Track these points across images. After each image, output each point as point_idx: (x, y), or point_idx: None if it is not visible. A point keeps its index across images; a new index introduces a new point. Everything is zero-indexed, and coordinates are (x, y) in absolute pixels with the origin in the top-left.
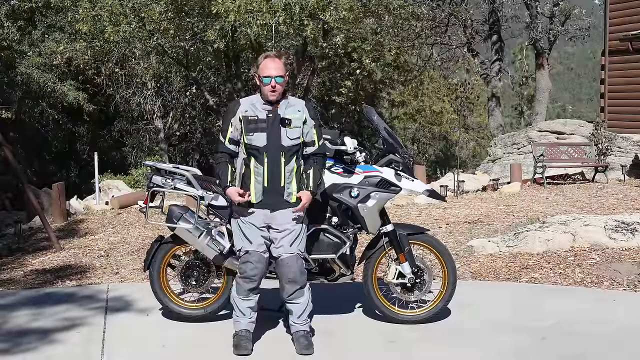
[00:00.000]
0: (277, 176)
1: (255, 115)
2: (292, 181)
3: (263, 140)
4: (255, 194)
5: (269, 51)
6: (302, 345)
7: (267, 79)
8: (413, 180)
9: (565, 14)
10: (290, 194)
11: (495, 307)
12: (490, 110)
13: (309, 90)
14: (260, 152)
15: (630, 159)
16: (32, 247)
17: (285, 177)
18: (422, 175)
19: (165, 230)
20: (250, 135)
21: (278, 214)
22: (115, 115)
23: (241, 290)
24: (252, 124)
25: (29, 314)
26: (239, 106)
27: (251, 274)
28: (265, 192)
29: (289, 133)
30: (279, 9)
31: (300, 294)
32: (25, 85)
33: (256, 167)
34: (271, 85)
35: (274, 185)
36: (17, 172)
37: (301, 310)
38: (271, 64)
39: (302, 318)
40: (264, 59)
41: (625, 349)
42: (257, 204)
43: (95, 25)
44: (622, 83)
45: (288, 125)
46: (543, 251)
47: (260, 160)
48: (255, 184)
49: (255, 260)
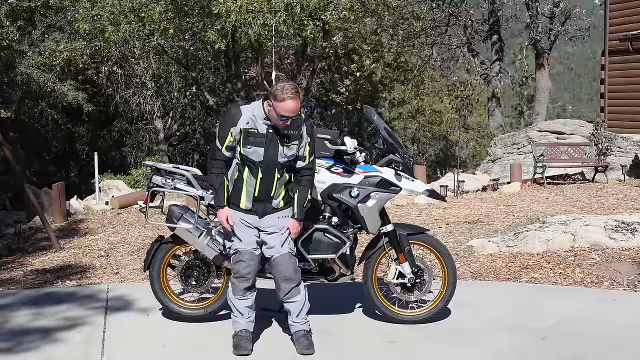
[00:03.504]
0: (269, 188)
1: (255, 129)
2: (281, 191)
3: (260, 156)
4: (245, 201)
5: (288, 83)
6: (303, 345)
7: (284, 118)
8: (413, 180)
9: (565, 14)
10: (278, 202)
11: (495, 307)
12: (490, 110)
13: (308, 90)
14: (255, 166)
15: (630, 159)
16: (32, 247)
17: (275, 189)
18: (422, 175)
19: (165, 230)
20: (247, 148)
21: (267, 217)
22: (115, 115)
23: (237, 290)
24: (251, 137)
25: (30, 313)
26: (240, 116)
27: (245, 272)
28: (255, 201)
29: (286, 150)
30: (280, 9)
31: (297, 292)
32: (25, 85)
33: (249, 177)
34: (286, 122)
35: (264, 196)
36: (17, 172)
37: (299, 309)
38: (292, 106)
39: (301, 317)
40: (287, 98)
41: (625, 349)
42: (247, 210)
43: (95, 25)
44: (622, 83)
45: (286, 143)
46: (543, 251)
47: (254, 173)
48: (246, 192)
49: (248, 259)
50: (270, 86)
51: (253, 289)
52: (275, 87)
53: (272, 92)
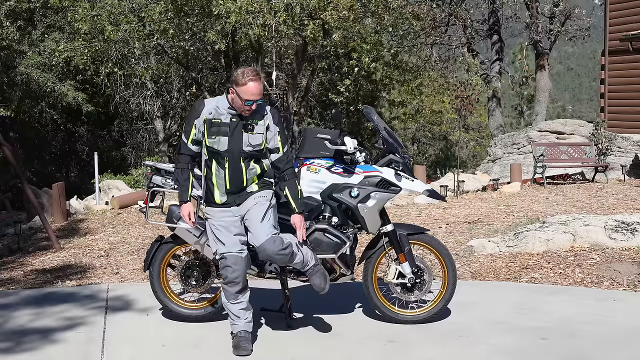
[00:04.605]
0: (239, 179)
1: (218, 119)
2: (253, 182)
3: (225, 145)
4: (219, 195)
5: (247, 68)
6: (318, 284)
7: (249, 102)
8: (413, 180)
9: (565, 14)
10: (252, 191)
11: (495, 307)
12: (490, 110)
13: (308, 90)
14: (221, 156)
15: (630, 159)
16: (32, 247)
17: (247, 180)
18: (422, 175)
19: (165, 230)
20: (212, 138)
21: (244, 203)
22: (115, 115)
23: (229, 295)
24: (214, 127)
25: (30, 313)
26: (203, 107)
27: (233, 277)
28: (228, 194)
29: (251, 139)
30: (280, 10)
31: (292, 260)
32: (25, 85)
33: (218, 170)
34: (251, 107)
35: (236, 187)
36: (17, 172)
37: (302, 264)
38: (255, 88)
39: (309, 266)
40: (248, 81)
41: (625, 349)
42: (223, 204)
43: (95, 26)
44: (622, 83)
45: (250, 130)
46: (543, 251)
47: (222, 164)
48: (218, 185)
49: (233, 263)
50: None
51: (245, 291)
52: (235, 73)
53: (233, 79)
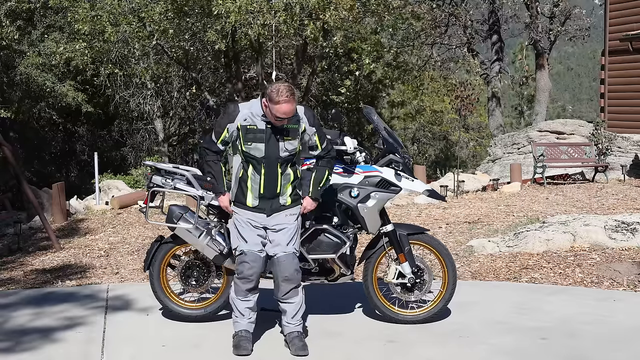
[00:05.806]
0: (274, 184)
1: (254, 125)
2: (287, 188)
3: (261, 152)
4: (252, 199)
5: (283, 85)
6: (297, 346)
7: (280, 119)
8: (413, 180)
9: (565, 14)
10: (285, 200)
11: (495, 307)
12: (490, 110)
13: (308, 90)
14: (258, 162)
15: (630, 159)
16: (32, 247)
17: (281, 185)
18: (422, 175)
19: (165, 230)
20: (248, 144)
21: (274, 215)
22: (115, 115)
23: (239, 290)
24: (250, 133)
25: (30, 313)
26: (238, 113)
27: (248, 274)
28: (261, 198)
29: (287, 144)
30: (280, 9)
31: (295, 294)
32: (25, 85)
33: (253, 174)
34: (283, 122)
35: (270, 192)
36: (16, 172)
37: (295, 310)
38: (288, 108)
39: (296, 318)
40: (282, 102)
41: (625, 349)
42: (253, 208)
43: (95, 26)
44: (622, 83)
45: (286, 136)
46: (543, 251)
47: (258, 169)
48: (252, 189)
49: (252, 260)
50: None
51: (255, 291)
52: (270, 88)
53: (267, 93)
